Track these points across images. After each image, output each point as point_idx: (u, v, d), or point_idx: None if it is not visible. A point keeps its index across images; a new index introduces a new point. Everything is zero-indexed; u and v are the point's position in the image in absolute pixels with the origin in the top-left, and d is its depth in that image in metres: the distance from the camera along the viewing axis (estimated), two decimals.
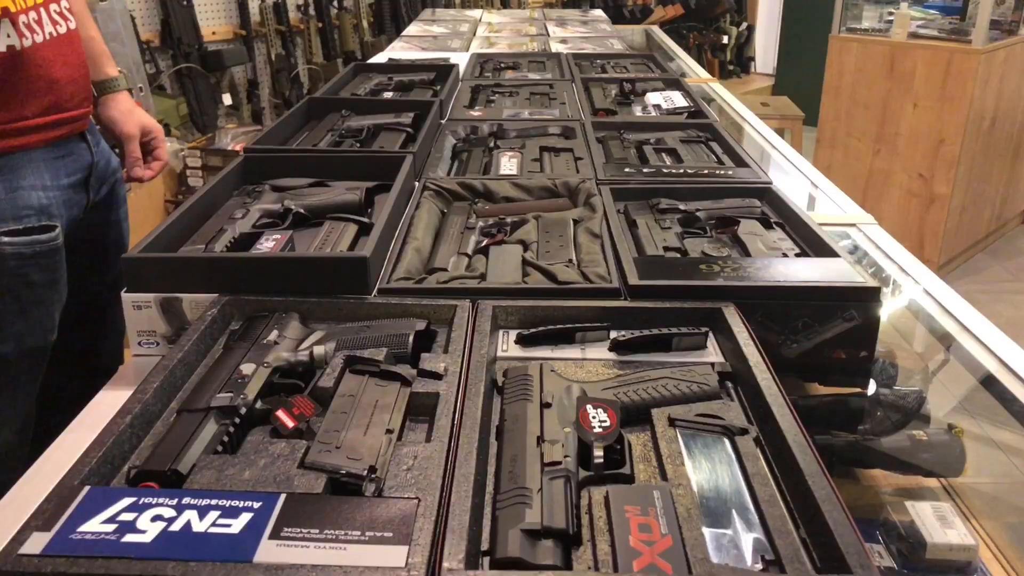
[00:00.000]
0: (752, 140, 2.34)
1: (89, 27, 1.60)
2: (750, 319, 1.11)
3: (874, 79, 4.49)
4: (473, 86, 2.42)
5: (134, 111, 1.64)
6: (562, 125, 2.02)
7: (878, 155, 4.54)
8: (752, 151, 2.24)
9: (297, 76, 5.08)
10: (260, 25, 4.97)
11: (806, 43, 7.00)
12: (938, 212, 4.33)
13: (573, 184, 1.55)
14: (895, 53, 4.38)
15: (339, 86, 2.31)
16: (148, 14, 4.60)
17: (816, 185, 1.88)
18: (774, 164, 2.13)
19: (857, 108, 4.60)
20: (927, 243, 4.40)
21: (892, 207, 4.51)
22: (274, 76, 5.04)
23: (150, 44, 4.55)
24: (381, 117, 1.94)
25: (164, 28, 4.61)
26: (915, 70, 4.31)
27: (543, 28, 3.61)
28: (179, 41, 4.61)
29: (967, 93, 4.13)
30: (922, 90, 4.30)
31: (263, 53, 5.06)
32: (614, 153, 1.82)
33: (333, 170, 1.59)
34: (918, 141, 4.35)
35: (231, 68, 4.90)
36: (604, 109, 2.20)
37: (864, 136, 4.58)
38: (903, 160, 4.43)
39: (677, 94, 2.32)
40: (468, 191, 1.56)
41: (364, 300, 1.13)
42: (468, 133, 2.01)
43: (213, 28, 4.83)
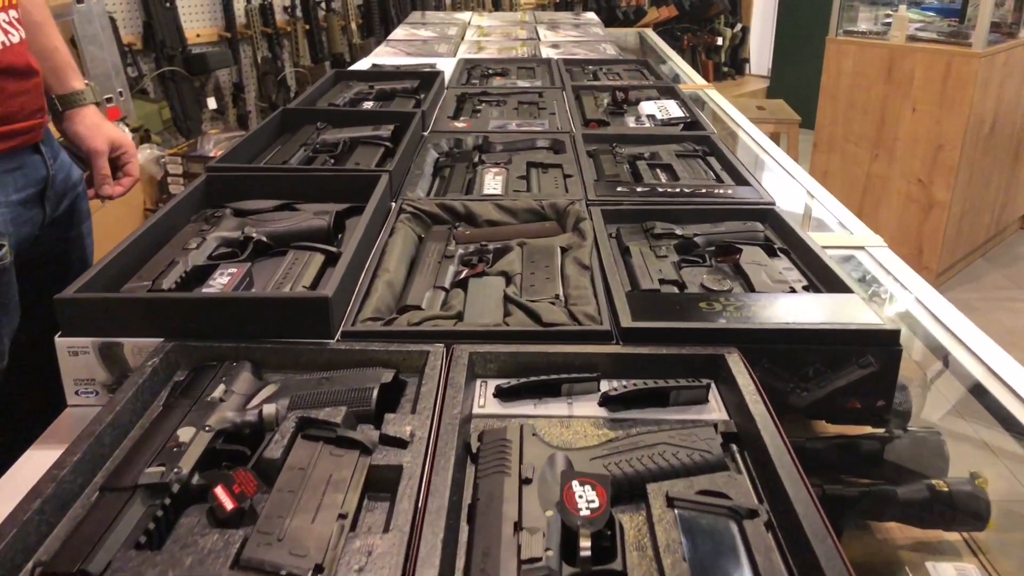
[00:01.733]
0: (749, 151, 2.22)
1: (52, 37, 1.49)
2: (756, 365, 0.99)
3: (872, 83, 4.37)
4: (459, 94, 2.30)
5: (102, 125, 1.53)
6: (551, 138, 1.90)
7: (876, 160, 4.42)
8: (750, 162, 2.12)
9: (284, 79, 4.95)
10: (246, 27, 4.84)
11: (801, 44, 6.88)
12: (937, 218, 4.22)
13: (561, 206, 1.43)
14: (893, 56, 4.27)
15: (317, 95, 2.19)
16: (130, 16, 4.47)
17: (820, 202, 1.76)
18: (774, 177, 2.01)
19: (855, 112, 4.48)
20: (926, 250, 4.29)
21: (890, 213, 4.40)
22: (260, 79, 4.90)
23: (132, 47, 4.42)
24: (358, 130, 1.82)
25: (146, 30, 4.47)
26: (914, 74, 4.19)
27: (534, 32, 3.49)
28: (162, 44, 4.47)
29: (967, 97, 4.01)
30: (921, 94, 4.18)
31: (249, 56, 4.92)
32: (606, 169, 1.70)
33: (303, 190, 1.47)
34: (917, 146, 4.24)
35: (216, 71, 4.76)
36: (596, 120, 2.07)
37: (862, 141, 4.47)
38: (901, 165, 4.32)
39: (672, 103, 2.20)
40: (448, 213, 1.43)
41: (326, 345, 1.01)
42: (452, 147, 1.89)
43: (197, 30, 4.70)
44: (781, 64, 7.10)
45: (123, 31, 4.40)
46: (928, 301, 1.33)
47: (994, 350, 1.20)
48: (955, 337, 1.27)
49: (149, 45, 4.50)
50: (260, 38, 4.87)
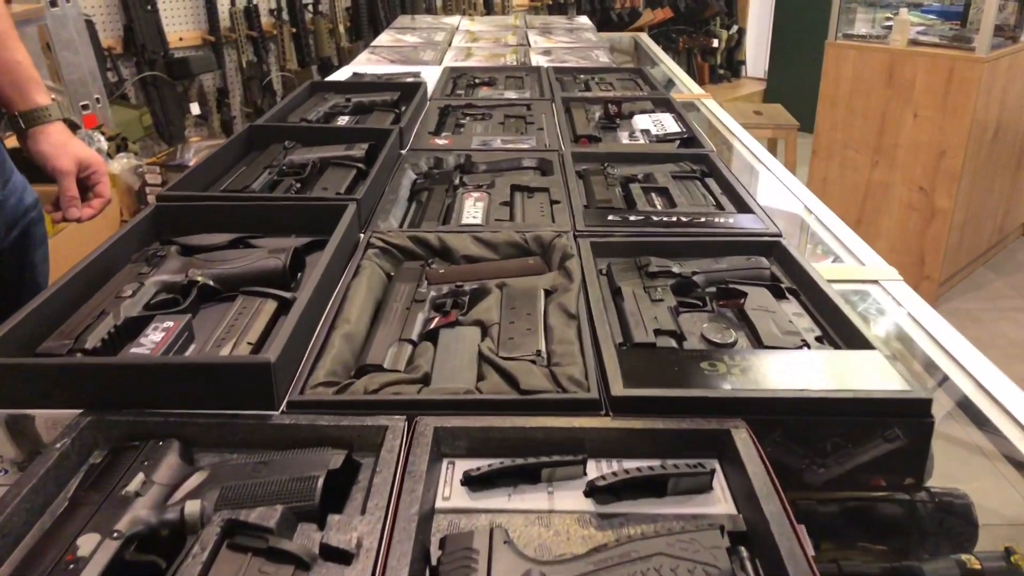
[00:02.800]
0: (750, 167, 2.08)
1: (14, 49, 1.36)
2: (766, 439, 0.85)
3: (872, 88, 4.23)
4: (442, 107, 2.15)
5: (69, 143, 1.40)
6: (538, 157, 1.75)
7: (876, 167, 4.29)
8: (751, 182, 1.98)
9: (270, 84, 4.80)
10: (230, 31, 4.68)
11: (798, 46, 6.74)
12: (939, 227, 4.08)
13: (547, 239, 1.29)
14: (894, 61, 4.13)
15: (290, 108, 2.04)
16: (110, 19, 4.32)
17: (828, 227, 1.62)
18: (776, 198, 1.87)
19: (855, 118, 4.34)
20: (928, 259, 4.15)
21: (891, 221, 4.27)
22: (245, 84, 4.75)
23: (112, 51, 4.27)
24: (330, 149, 1.67)
25: (127, 34, 4.32)
26: (915, 79, 4.06)
27: (524, 37, 3.34)
28: (143, 48, 4.32)
29: (970, 103, 3.88)
30: (923, 100, 4.05)
31: (234, 60, 4.77)
32: (597, 193, 1.56)
33: (262, 222, 1.33)
34: (918, 153, 4.10)
35: (199, 76, 4.61)
36: (586, 136, 1.93)
37: (862, 147, 4.33)
38: (903, 172, 4.18)
39: (668, 117, 2.06)
40: (422, 247, 1.29)
41: (268, 419, 0.86)
42: (431, 167, 1.74)
43: (180, 34, 4.54)
44: (778, 66, 6.96)
45: (102, 35, 4.25)
46: (954, 348, 1.19)
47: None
48: (985, 392, 1.13)
49: (130, 49, 4.35)
50: (245, 42, 4.72)
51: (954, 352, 1.18)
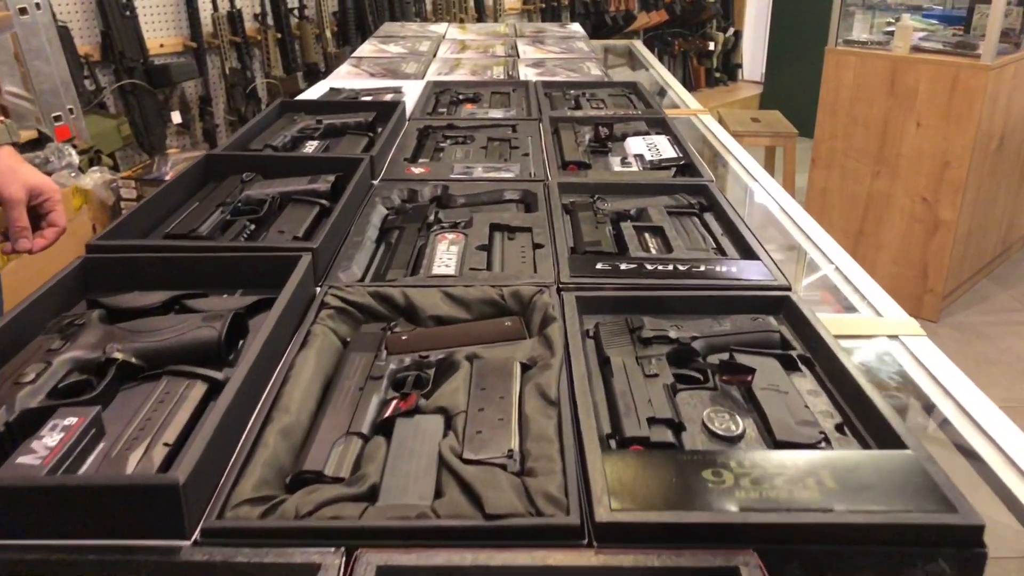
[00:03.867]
0: (751, 194, 1.92)
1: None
2: (783, 572, 0.69)
3: (874, 96, 4.07)
4: (421, 128, 1.99)
5: (18, 169, 1.24)
6: (522, 189, 1.59)
7: (878, 177, 4.13)
8: (754, 215, 1.82)
9: (254, 91, 4.63)
10: (213, 36, 4.51)
11: (796, 50, 6.58)
12: (943, 239, 3.93)
13: (526, 295, 1.13)
14: (897, 68, 3.97)
15: (257, 131, 1.87)
16: (87, 25, 4.14)
17: (840, 269, 1.46)
18: (778, 230, 1.71)
19: (856, 127, 4.18)
20: (931, 272, 4.00)
21: (893, 233, 4.11)
22: (229, 92, 4.57)
23: (89, 59, 4.09)
24: (292, 183, 1.51)
25: (105, 40, 4.15)
26: (918, 87, 3.90)
27: (513, 48, 3.17)
28: (121, 55, 4.15)
29: (975, 112, 3.72)
30: (926, 108, 3.89)
31: (217, 67, 4.59)
32: (585, 232, 1.39)
33: (205, 276, 1.16)
34: (921, 163, 3.94)
35: (180, 84, 4.44)
36: (575, 162, 1.77)
37: (863, 157, 4.17)
38: (905, 183, 4.02)
39: (664, 140, 1.89)
40: (385, 305, 1.13)
41: (176, 552, 0.70)
42: (404, 200, 1.58)
43: (160, 40, 4.37)
44: (775, 69, 6.80)
45: (79, 41, 4.08)
46: (990, 426, 1.03)
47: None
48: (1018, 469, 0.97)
49: (108, 56, 4.18)
50: (228, 48, 4.55)
51: (992, 432, 1.02)
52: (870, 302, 1.33)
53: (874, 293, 1.36)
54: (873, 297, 1.35)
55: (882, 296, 1.35)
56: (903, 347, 1.23)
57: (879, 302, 1.33)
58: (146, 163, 3.68)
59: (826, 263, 1.51)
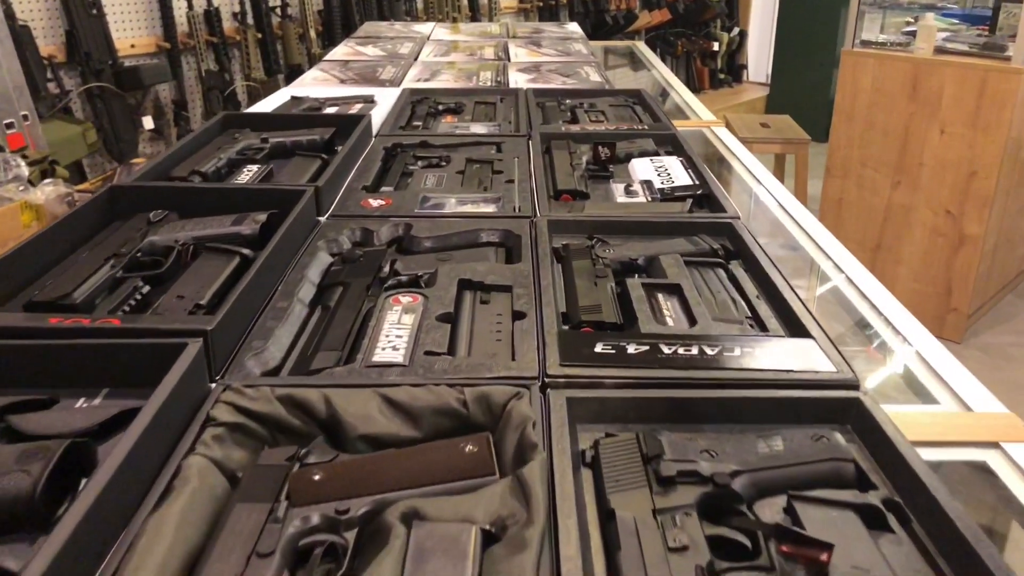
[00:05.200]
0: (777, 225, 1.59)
1: None
2: None
3: (894, 101, 3.73)
4: (389, 146, 1.66)
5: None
6: (503, 229, 1.26)
7: (898, 188, 3.79)
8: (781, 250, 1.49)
9: (233, 94, 4.29)
10: (188, 36, 4.17)
11: (804, 50, 6.23)
12: (969, 255, 3.60)
13: (498, 401, 0.80)
14: (919, 71, 3.63)
15: (187, 152, 1.54)
16: (50, 24, 3.81)
17: (916, 347, 1.12)
18: (816, 276, 1.38)
19: (874, 134, 3.84)
20: (955, 289, 3.67)
21: (914, 248, 3.78)
22: (205, 95, 4.24)
23: (53, 60, 3.76)
24: (212, 224, 1.18)
25: (70, 40, 3.81)
26: (943, 91, 3.56)
27: (504, 50, 2.83)
28: (88, 56, 3.82)
29: (1004, 119, 3.39)
30: (951, 114, 3.55)
31: (193, 68, 4.26)
32: (581, 294, 1.06)
33: (62, 374, 0.83)
34: (946, 173, 3.61)
35: (152, 87, 4.10)
36: (570, 191, 1.44)
37: (882, 166, 3.84)
38: (927, 194, 3.69)
39: (675, 162, 1.56)
40: (299, 414, 0.80)
41: None
42: (356, 242, 1.25)
43: (131, 40, 4.03)
44: (782, 71, 6.45)
45: (42, 41, 3.74)
46: None
47: None
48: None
49: (74, 57, 3.84)
50: (205, 48, 4.21)
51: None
52: (949, 385, 1.00)
53: (950, 369, 1.02)
54: (949, 373, 1.01)
55: (961, 374, 1.01)
56: (1005, 458, 0.90)
57: (959, 383, 1.00)
58: (107, 174, 3.34)
59: (881, 322, 1.18)
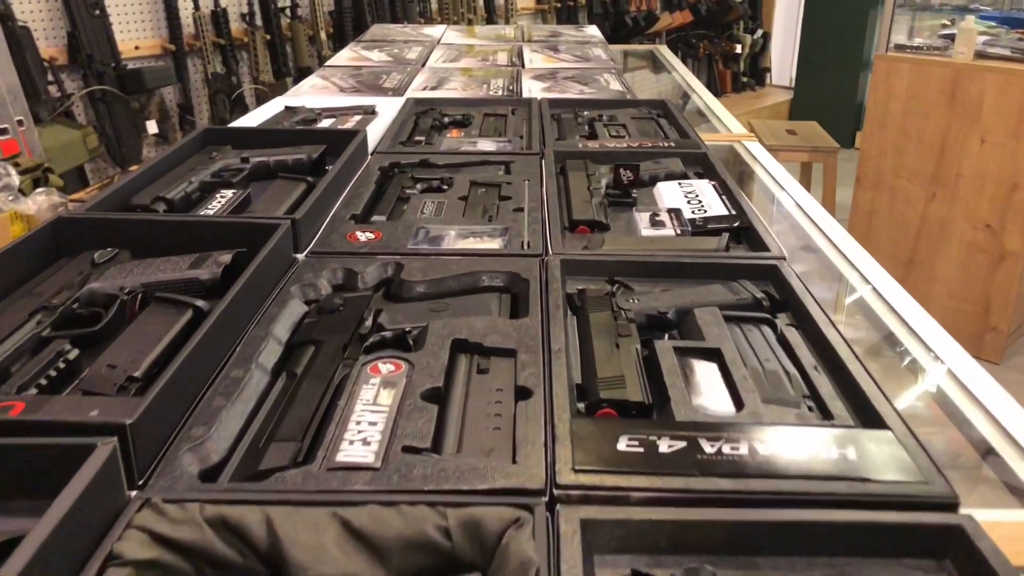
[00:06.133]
0: (830, 269, 1.38)
1: None
2: None
3: (931, 108, 3.51)
4: (386, 166, 1.47)
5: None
6: (508, 272, 1.07)
7: (934, 200, 3.57)
8: (829, 292, 1.29)
9: (240, 97, 4.12)
10: (194, 38, 4.01)
11: (830, 53, 5.99)
12: (1009, 271, 3.37)
13: (491, 530, 0.60)
14: (958, 77, 3.40)
15: (159, 171, 1.36)
16: (52, 25, 3.65)
17: (992, 415, 0.92)
18: (874, 323, 1.17)
19: (908, 143, 3.62)
20: (994, 308, 3.44)
21: (950, 264, 3.55)
22: (212, 98, 4.07)
23: (54, 62, 3.60)
24: (167, 267, 0.99)
25: (72, 42, 3.66)
26: (983, 98, 3.33)
27: (519, 55, 2.63)
28: (90, 58, 3.66)
29: None
30: (992, 123, 3.32)
31: (200, 71, 4.09)
32: (600, 362, 0.86)
33: None
34: (985, 185, 3.38)
35: (157, 90, 3.94)
36: (587, 222, 1.24)
37: (916, 177, 3.61)
38: (966, 207, 3.46)
39: (707, 187, 1.36)
40: (234, 543, 0.61)
41: None
42: (337, 284, 1.07)
43: (136, 42, 3.87)
44: (806, 74, 6.20)
45: (43, 43, 3.59)
46: None
47: None
48: None
49: (76, 59, 3.69)
50: (212, 50, 4.04)
51: None
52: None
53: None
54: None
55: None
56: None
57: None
58: (105, 182, 3.18)
59: (963, 396, 0.97)
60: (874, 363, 0.92)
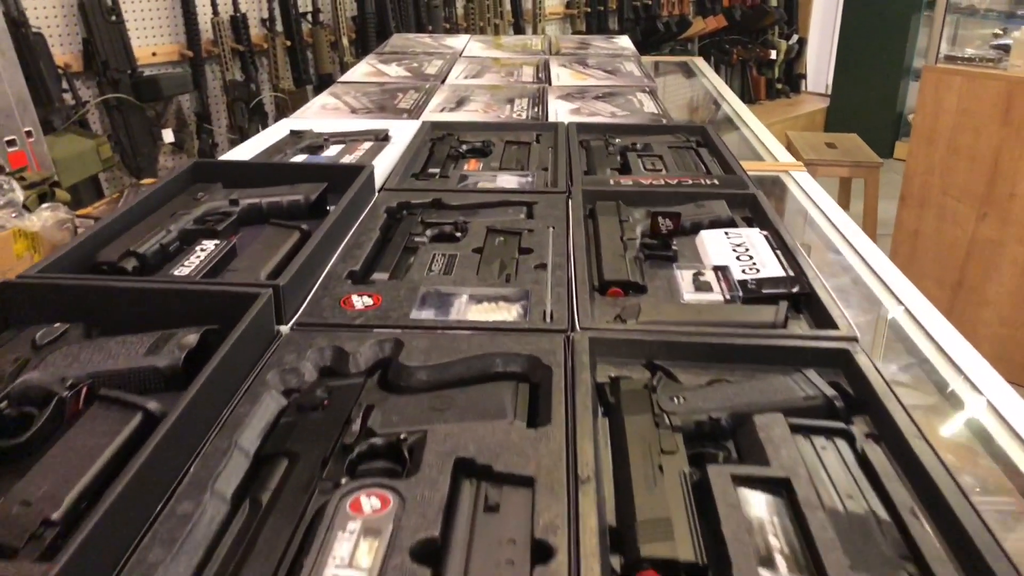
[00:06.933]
0: (905, 339, 1.19)
1: None
2: None
3: (983, 124, 3.27)
4: (393, 208, 1.29)
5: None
6: (527, 356, 0.89)
7: (985, 221, 3.33)
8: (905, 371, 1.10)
9: (260, 105, 3.97)
10: (213, 44, 3.86)
11: (868, 60, 5.73)
12: None
13: None
14: (1013, 91, 3.16)
15: (138, 214, 1.20)
16: (67, 32, 3.53)
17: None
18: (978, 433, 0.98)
19: (958, 160, 3.38)
20: None
21: (1001, 289, 3.31)
22: (230, 106, 3.93)
23: (68, 69, 3.47)
24: (122, 352, 0.83)
25: (87, 49, 3.53)
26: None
27: (545, 69, 2.44)
28: (105, 65, 3.53)
29: None
30: None
31: (218, 78, 3.95)
32: (640, 496, 0.68)
33: None
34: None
35: (173, 98, 3.80)
36: (619, 283, 1.06)
37: (966, 196, 3.37)
38: (1019, 228, 3.22)
39: (759, 239, 1.17)
40: None
41: None
42: (324, 367, 0.89)
43: (153, 48, 3.74)
44: (844, 81, 5.94)
45: (58, 50, 3.47)
46: None
47: None
48: None
49: (91, 66, 3.56)
50: (231, 57, 3.90)
51: None
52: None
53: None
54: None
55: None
56: None
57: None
58: (113, 197, 3.03)
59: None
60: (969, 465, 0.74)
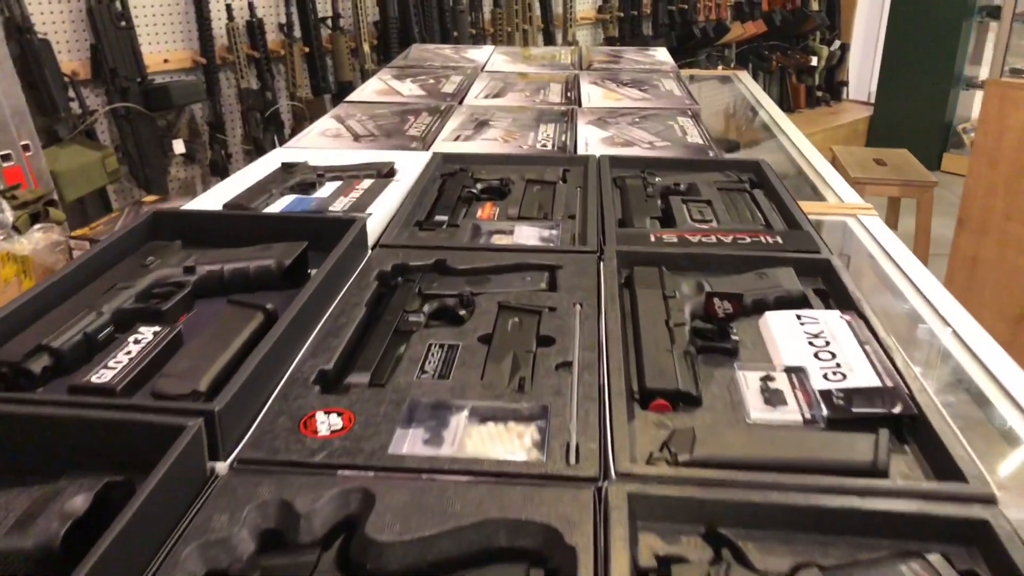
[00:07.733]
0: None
1: None
2: None
3: None
4: (387, 271, 1.06)
5: None
6: (541, 525, 0.64)
7: None
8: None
9: (275, 115, 3.76)
10: (228, 51, 3.66)
11: (916, 68, 5.39)
12: None
13: None
14: None
15: (82, 278, 0.97)
16: (75, 38, 3.34)
17: None
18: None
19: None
20: None
21: None
22: (245, 116, 3.72)
23: (75, 77, 3.29)
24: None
25: (95, 56, 3.34)
26: None
27: (574, 88, 2.18)
28: (113, 73, 3.34)
29: None
30: None
31: (234, 85, 3.74)
32: None
33: None
34: None
35: (185, 107, 3.60)
36: (666, 393, 0.81)
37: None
38: None
39: (843, 328, 0.91)
40: None
41: None
42: (263, 532, 0.65)
43: (165, 54, 3.54)
44: (889, 90, 5.60)
45: (65, 57, 3.28)
46: None
47: None
48: None
49: (100, 74, 3.37)
50: (246, 64, 3.69)
51: None
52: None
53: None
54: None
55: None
56: None
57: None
58: (112, 216, 2.83)
59: None
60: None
